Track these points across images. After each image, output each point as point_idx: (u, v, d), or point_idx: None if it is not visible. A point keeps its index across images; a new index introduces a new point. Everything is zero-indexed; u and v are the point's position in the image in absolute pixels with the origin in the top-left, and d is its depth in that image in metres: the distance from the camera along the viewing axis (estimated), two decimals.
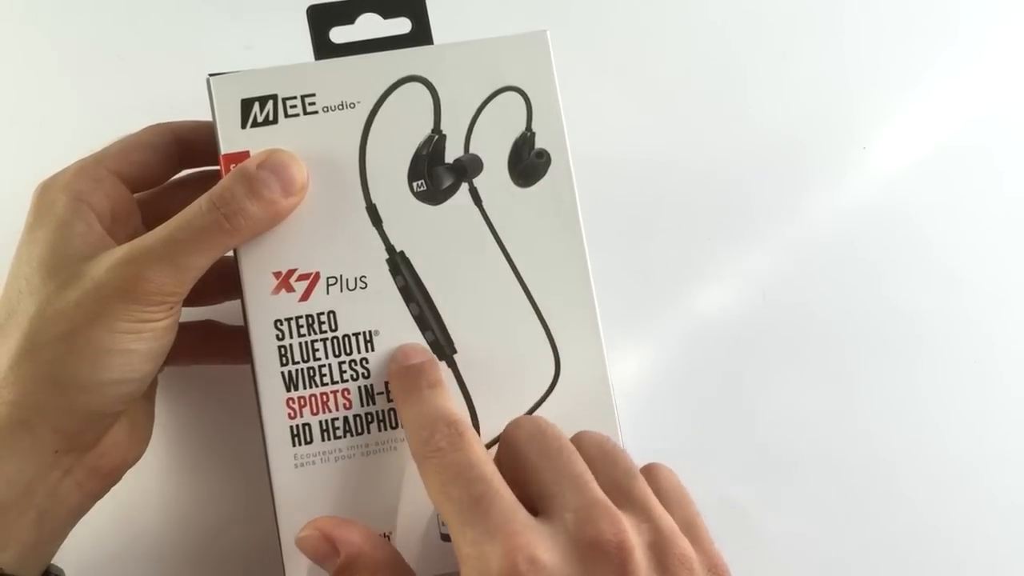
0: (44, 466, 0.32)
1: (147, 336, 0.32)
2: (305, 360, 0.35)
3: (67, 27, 0.49)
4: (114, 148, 0.36)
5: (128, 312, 0.31)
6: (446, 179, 0.36)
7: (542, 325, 0.36)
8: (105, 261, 0.32)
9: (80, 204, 0.33)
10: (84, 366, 0.31)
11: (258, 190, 0.33)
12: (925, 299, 0.45)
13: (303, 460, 0.34)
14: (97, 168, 0.35)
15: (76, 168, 0.35)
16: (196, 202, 0.33)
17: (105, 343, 0.31)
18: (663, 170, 0.46)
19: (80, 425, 0.32)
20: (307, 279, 0.35)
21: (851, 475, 0.34)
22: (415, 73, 0.36)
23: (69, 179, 0.34)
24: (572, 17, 0.49)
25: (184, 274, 0.32)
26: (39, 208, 0.34)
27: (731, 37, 0.49)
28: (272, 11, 0.48)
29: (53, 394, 0.31)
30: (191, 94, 0.44)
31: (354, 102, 0.36)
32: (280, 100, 0.35)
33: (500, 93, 0.36)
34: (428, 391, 0.33)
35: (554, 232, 0.36)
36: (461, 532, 0.28)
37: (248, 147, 0.35)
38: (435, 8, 0.38)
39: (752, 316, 0.44)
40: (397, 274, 0.35)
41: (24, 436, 0.31)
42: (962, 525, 0.42)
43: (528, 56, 0.37)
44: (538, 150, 0.36)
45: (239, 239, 0.33)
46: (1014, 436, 0.43)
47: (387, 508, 0.34)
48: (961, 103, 0.49)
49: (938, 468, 0.42)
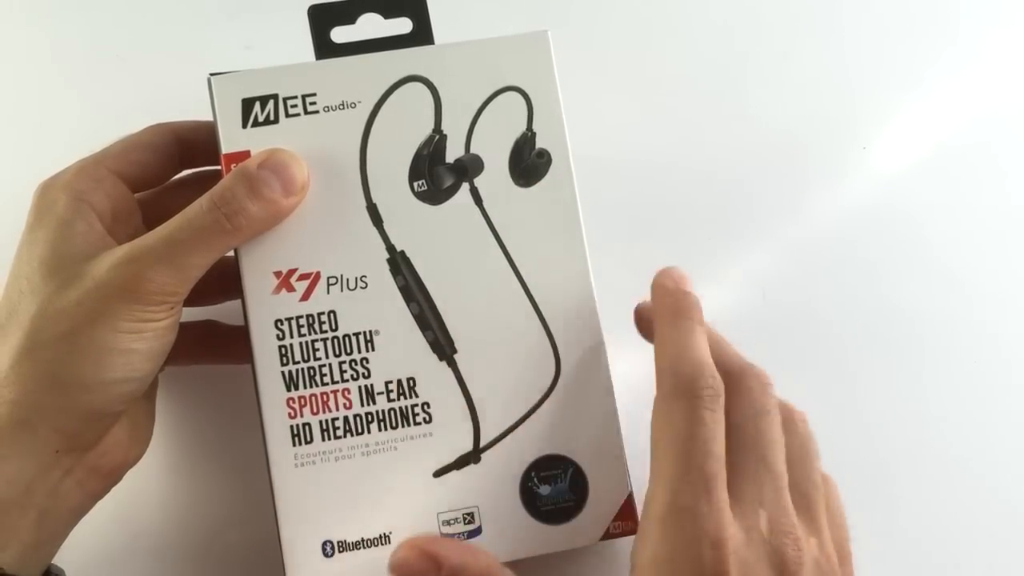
0: (45, 466, 0.32)
1: (148, 335, 0.32)
2: (305, 360, 0.35)
3: (67, 27, 0.49)
4: (115, 148, 0.36)
5: (130, 311, 0.31)
6: (447, 179, 0.36)
7: (542, 325, 0.36)
8: (106, 260, 0.32)
9: (81, 204, 0.33)
10: (86, 365, 0.31)
11: (259, 189, 0.33)
12: (925, 299, 0.45)
13: (303, 460, 0.34)
14: (97, 168, 0.35)
15: (76, 168, 0.35)
16: (197, 202, 0.33)
17: (107, 342, 0.31)
18: (663, 170, 0.46)
19: (81, 424, 0.32)
20: (308, 279, 0.35)
21: (851, 475, 0.33)
22: (416, 73, 0.36)
23: (70, 179, 0.34)
24: (572, 17, 0.49)
25: (185, 273, 0.32)
26: (40, 208, 0.34)
27: (731, 37, 0.49)
28: (272, 11, 0.48)
29: (54, 394, 0.31)
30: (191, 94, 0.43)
31: (355, 102, 0.36)
32: (281, 100, 0.35)
33: (501, 93, 0.36)
34: (700, 330, 0.32)
35: (555, 232, 0.36)
36: (673, 490, 0.29)
37: (249, 147, 0.35)
38: (436, 8, 0.38)
39: (752, 316, 0.44)
40: (398, 274, 0.35)
41: (25, 435, 0.31)
42: (962, 525, 0.41)
43: (529, 56, 0.37)
44: (539, 150, 0.36)
45: (240, 239, 0.33)
46: (1014, 436, 0.43)
47: (387, 508, 0.34)
48: (961, 103, 0.49)
49: (938, 468, 0.42)
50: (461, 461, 0.35)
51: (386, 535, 0.34)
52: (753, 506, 0.29)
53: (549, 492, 0.35)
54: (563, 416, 0.35)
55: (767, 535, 0.29)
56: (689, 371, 0.31)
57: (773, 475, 0.30)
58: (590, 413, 0.35)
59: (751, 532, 0.29)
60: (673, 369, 0.31)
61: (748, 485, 0.30)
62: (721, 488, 0.29)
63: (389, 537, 0.34)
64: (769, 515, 0.29)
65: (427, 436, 0.35)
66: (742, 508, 0.29)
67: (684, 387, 0.30)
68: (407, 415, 0.35)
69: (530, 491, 0.35)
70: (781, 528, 0.29)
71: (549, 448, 0.35)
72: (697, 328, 0.32)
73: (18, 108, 0.47)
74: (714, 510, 0.28)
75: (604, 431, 0.35)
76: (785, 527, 0.29)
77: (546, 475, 0.35)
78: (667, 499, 0.29)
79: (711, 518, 0.28)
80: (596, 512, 0.35)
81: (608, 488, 0.35)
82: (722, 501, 0.29)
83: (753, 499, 0.30)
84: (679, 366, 0.31)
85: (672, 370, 0.31)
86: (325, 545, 0.34)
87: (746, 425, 0.31)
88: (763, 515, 0.29)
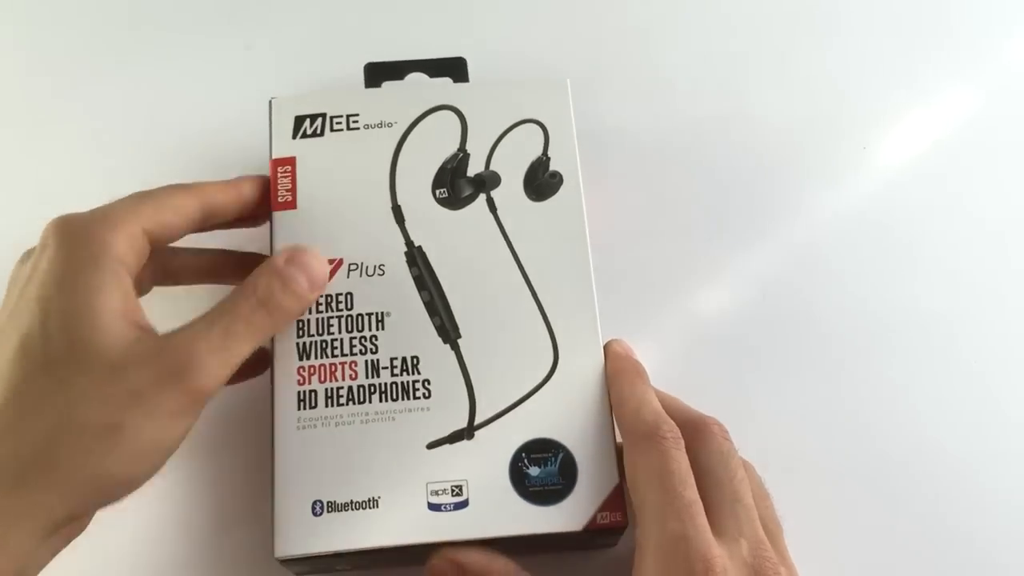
0: (41, 539, 0.30)
1: (188, 424, 0.32)
2: (320, 334, 0.37)
3: (67, 28, 0.50)
4: (148, 207, 0.34)
5: (178, 402, 0.31)
6: (466, 189, 0.40)
7: (544, 319, 0.38)
8: (157, 347, 0.31)
9: (119, 269, 0.32)
10: (125, 462, 0.30)
11: (290, 285, 0.35)
12: (925, 299, 0.44)
13: (305, 423, 0.36)
14: (135, 226, 0.33)
15: (113, 222, 0.33)
16: (242, 296, 0.33)
17: (152, 435, 0.30)
18: (663, 170, 0.47)
19: (92, 508, 0.32)
20: (331, 264, 0.38)
21: (851, 474, 0.33)
22: (448, 103, 0.41)
23: (110, 238, 0.32)
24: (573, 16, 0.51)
25: (233, 364, 0.32)
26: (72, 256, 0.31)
27: (731, 37, 0.51)
28: (272, 11, 0.50)
29: (81, 485, 0.30)
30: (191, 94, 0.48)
31: (392, 122, 0.41)
32: (328, 118, 0.41)
33: (521, 124, 0.41)
34: (652, 390, 0.36)
35: (561, 240, 0.39)
36: (661, 519, 0.31)
37: (295, 154, 0.40)
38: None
39: (752, 316, 0.44)
40: (413, 265, 0.38)
41: (29, 521, 0.29)
42: (962, 525, 0.39)
43: (549, 97, 0.42)
44: (552, 171, 0.40)
45: (278, 329, 0.35)
46: (1014, 436, 0.41)
47: (379, 475, 0.35)
48: (961, 103, 0.49)
49: (938, 468, 0.40)
50: (454, 436, 0.36)
51: (374, 499, 0.35)
52: (734, 535, 0.32)
53: (538, 473, 0.35)
54: (558, 404, 0.36)
55: (749, 560, 0.31)
56: (652, 419, 0.34)
57: (747, 509, 0.33)
58: (585, 405, 0.36)
59: (734, 558, 0.31)
60: (637, 418, 0.34)
61: (727, 520, 0.32)
62: (702, 514, 0.31)
63: (377, 501, 0.35)
64: (748, 543, 0.32)
65: (425, 411, 0.36)
66: (724, 538, 0.31)
67: (650, 432, 0.33)
68: (408, 389, 0.36)
69: (519, 471, 0.35)
70: (761, 554, 0.31)
71: (542, 432, 0.36)
72: (649, 388, 0.36)
73: (18, 108, 0.48)
74: (700, 532, 0.31)
75: (597, 422, 0.36)
76: (764, 553, 0.31)
77: (537, 457, 0.35)
78: (657, 529, 0.31)
79: (699, 540, 0.30)
80: (584, 498, 0.35)
81: (597, 476, 0.35)
82: (705, 526, 0.31)
83: (733, 529, 0.32)
84: (642, 415, 0.34)
85: (637, 419, 0.34)
86: (315, 504, 0.35)
87: (716, 467, 0.33)
88: (744, 543, 0.31)
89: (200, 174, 0.46)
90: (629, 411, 0.35)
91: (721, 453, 0.34)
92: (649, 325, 0.43)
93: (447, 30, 0.51)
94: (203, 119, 0.48)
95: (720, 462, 0.34)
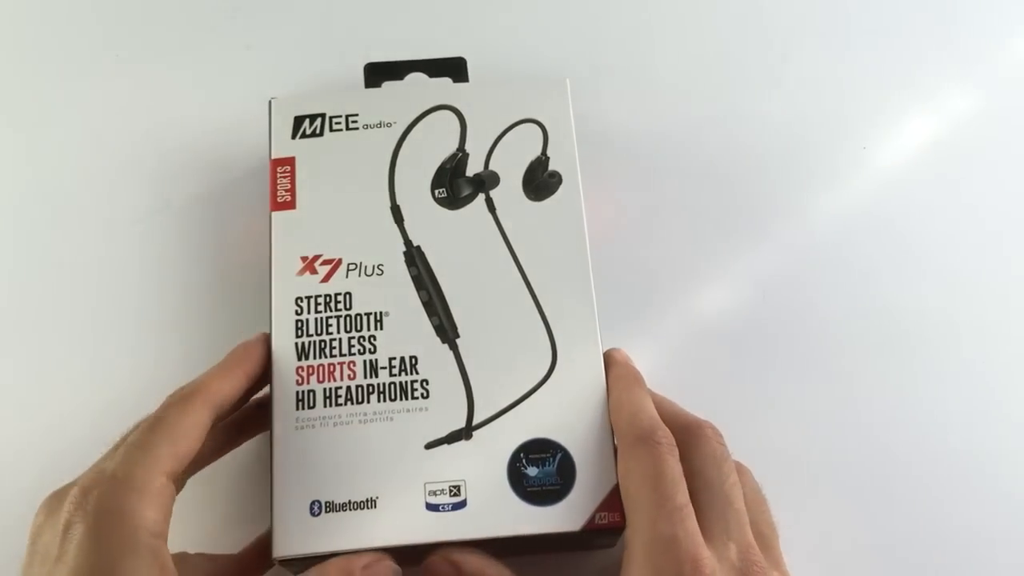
0: None
1: None
2: (319, 334, 0.37)
3: (67, 27, 0.50)
4: (165, 447, 0.31)
5: None
6: (465, 189, 0.40)
7: (543, 320, 0.38)
8: None
9: (157, 545, 0.29)
10: None
11: None
12: (925, 299, 0.44)
13: (304, 423, 0.36)
14: (159, 479, 0.30)
15: (141, 489, 0.30)
16: None
17: None
18: (663, 170, 0.47)
19: None
20: (330, 264, 0.38)
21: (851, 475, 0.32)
22: (447, 103, 0.41)
23: (142, 512, 0.29)
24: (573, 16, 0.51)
25: None
26: (109, 550, 0.28)
27: (731, 37, 0.51)
28: (272, 11, 0.51)
29: None
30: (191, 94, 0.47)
31: (391, 122, 0.41)
32: (327, 118, 0.41)
33: (520, 124, 0.41)
34: (649, 396, 0.36)
35: (560, 239, 0.39)
36: (652, 521, 0.31)
37: (294, 154, 0.40)
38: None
39: (752, 316, 0.44)
40: (412, 265, 0.38)
41: None
42: (962, 525, 0.39)
43: (549, 96, 0.42)
44: (551, 171, 0.40)
45: None
46: (1014, 436, 0.41)
47: (377, 475, 0.35)
48: (961, 103, 0.49)
49: (938, 468, 0.40)
50: (453, 436, 0.36)
51: (372, 499, 0.35)
52: (723, 538, 0.32)
53: (536, 473, 0.35)
54: (556, 405, 0.36)
55: (737, 563, 0.31)
56: (647, 424, 0.34)
57: (737, 513, 0.33)
58: (583, 405, 0.36)
59: (723, 561, 0.31)
60: (633, 423, 0.34)
61: (716, 522, 0.32)
62: (692, 518, 0.31)
63: (375, 502, 0.35)
64: (737, 547, 0.32)
65: (423, 411, 0.36)
66: (713, 541, 0.32)
67: (645, 436, 0.33)
68: (406, 389, 0.36)
69: (517, 471, 0.35)
70: (749, 558, 0.32)
71: (540, 432, 0.36)
72: (647, 395, 0.36)
73: (17, 108, 0.48)
74: (690, 535, 0.31)
75: (595, 423, 0.36)
76: (752, 557, 0.32)
77: (535, 457, 0.35)
78: (648, 529, 0.31)
79: (689, 542, 0.30)
80: (582, 498, 0.35)
81: (596, 477, 0.35)
82: (696, 529, 0.31)
83: (722, 532, 0.32)
84: (638, 421, 0.34)
85: (632, 424, 0.34)
86: (313, 504, 0.35)
87: (709, 470, 0.34)
88: (732, 547, 0.32)
89: (200, 174, 0.47)
90: (625, 416, 0.35)
91: (714, 457, 0.34)
92: (648, 325, 0.43)
93: (447, 30, 0.51)
94: (203, 119, 0.48)
95: (713, 466, 0.34)
